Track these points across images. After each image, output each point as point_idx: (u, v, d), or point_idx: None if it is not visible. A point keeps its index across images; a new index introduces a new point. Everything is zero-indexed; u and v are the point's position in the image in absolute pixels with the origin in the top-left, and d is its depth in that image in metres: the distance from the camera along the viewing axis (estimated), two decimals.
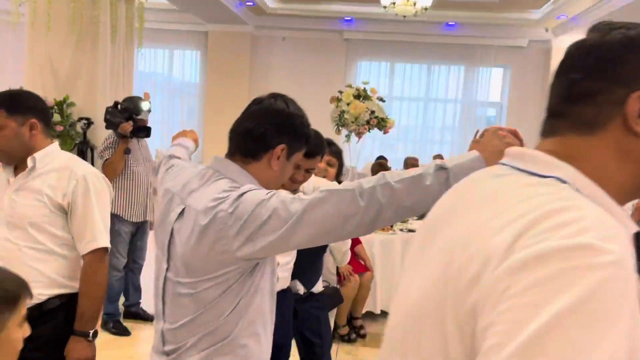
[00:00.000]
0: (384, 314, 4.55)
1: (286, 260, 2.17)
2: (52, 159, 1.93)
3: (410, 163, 7.60)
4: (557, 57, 9.93)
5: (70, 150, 4.75)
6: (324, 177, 2.32)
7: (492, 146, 1.16)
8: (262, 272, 1.31)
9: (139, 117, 3.92)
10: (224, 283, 1.26)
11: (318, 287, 2.43)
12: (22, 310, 1.08)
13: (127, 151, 3.84)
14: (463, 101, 10.56)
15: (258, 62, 10.74)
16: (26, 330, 1.10)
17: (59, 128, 4.58)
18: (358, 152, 6.13)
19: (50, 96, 4.68)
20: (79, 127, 4.78)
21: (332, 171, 2.58)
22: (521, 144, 1.15)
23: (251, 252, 1.21)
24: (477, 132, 1.40)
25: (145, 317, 4.20)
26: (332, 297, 2.78)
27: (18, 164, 1.92)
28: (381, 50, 10.48)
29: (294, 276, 2.27)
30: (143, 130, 3.93)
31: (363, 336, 4.06)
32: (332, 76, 10.63)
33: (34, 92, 2.08)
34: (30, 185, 1.88)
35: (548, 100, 0.85)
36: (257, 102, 1.41)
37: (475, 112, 10.55)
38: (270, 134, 1.35)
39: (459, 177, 1.06)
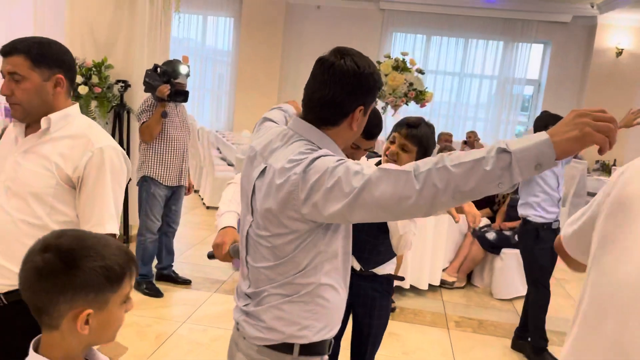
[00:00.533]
0: (413, 289, 4.53)
1: None
2: (69, 122, 1.68)
3: (444, 139, 7.47)
4: (601, 34, 9.57)
5: (107, 113, 4.79)
6: (395, 161, 2.05)
7: (565, 132, 1.03)
8: (335, 230, 1.36)
9: (177, 80, 3.90)
10: (297, 239, 1.32)
11: (383, 270, 2.25)
12: (126, 289, 1.05)
13: (164, 115, 3.83)
14: (499, 77, 10.29)
15: (292, 30, 10.60)
16: (130, 306, 1.08)
17: (97, 90, 4.60)
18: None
19: (89, 57, 4.71)
20: (116, 89, 4.80)
21: (406, 157, 2.06)
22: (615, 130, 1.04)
23: (318, 217, 1.26)
24: None
25: (177, 280, 4.26)
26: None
27: (31, 123, 1.70)
28: (417, 22, 10.23)
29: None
30: (181, 95, 3.91)
31: (393, 309, 4.06)
32: (366, 47, 10.41)
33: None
34: (40, 150, 1.64)
35: None
36: (326, 65, 1.34)
37: (512, 90, 10.27)
38: (347, 101, 1.33)
39: (522, 162, 1.03)
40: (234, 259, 1.67)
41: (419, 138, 2.08)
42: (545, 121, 3.36)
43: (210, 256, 1.76)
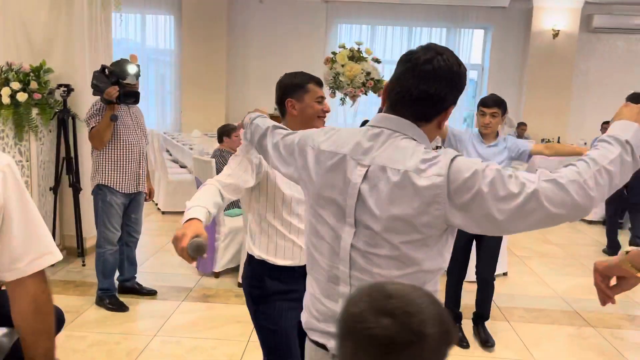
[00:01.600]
0: None
1: None
2: None
3: None
4: (538, 17, 9.88)
5: (50, 120, 4.50)
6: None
7: None
8: (453, 233, 1.29)
9: (126, 81, 3.67)
10: (427, 245, 1.22)
11: None
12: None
13: (114, 118, 3.59)
14: None
15: (236, 25, 10.38)
16: None
17: (37, 96, 4.29)
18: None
19: (25, 62, 4.39)
20: (58, 94, 4.50)
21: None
22: None
23: (462, 222, 1.18)
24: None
25: (141, 292, 4.05)
26: None
27: None
28: (362, 13, 10.23)
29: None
30: (131, 96, 3.68)
31: None
32: (312, 39, 10.36)
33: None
34: None
35: None
36: (423, 60, 1.24)
37: None
38: (448, 96, 1.27)
39: (637, 148, 1.17)
40: (196, 258, 1.44)
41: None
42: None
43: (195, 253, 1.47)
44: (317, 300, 1.38)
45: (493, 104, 3.33)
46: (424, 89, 1.24)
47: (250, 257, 2.06)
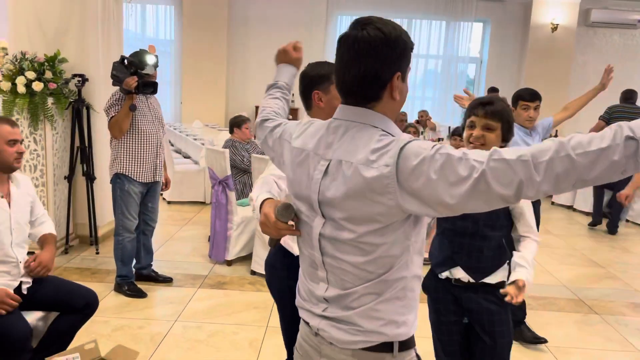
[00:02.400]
0: None
1: None
2: None
3: (400, 118, 7.58)
4: (537, 10, 9.96)
5: (65, 109, 4.54)
6: (482, 145, 1.95)
7: None
8: (422, 218, 1.28)
9: (144, 72, 3.73)
10: (390, 233, 1.22)
11: (495, 278, 2.07)
12: None
13: (133, 108, 3.65)
14: (444, 57, 10.55)
15: (236, 16, 10.39)
16: None
17: (52, 86, 4.33)
18: None
19: (39, 52, 4.42)
20: (72, 84, 4.54)
21: (492, 137, 1.96)
22: None
23: (417, 208, 1.17)
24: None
25: (157, 279, 4.13)
26: None
27: None
28: (361, 4, 10.27)
29: (454, 260, 2.08)
30: (149, 86, 3.73)
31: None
32: (312, 31, 10.40)
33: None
34: None
35: None
36: (349, 41, 1.24)
37: (457, 68, 10.56)
38: (382, 70, 1.22)
39: None
40: (287, 222, 1.42)
41: (499, 113, 1.97)
42: None
43: (273, 243, 1.58)
44: (303, 282, 1.44)
45: (535, 98, 3.44)
46: (355, 72, 1.23)
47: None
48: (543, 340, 3.42)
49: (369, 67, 1.22)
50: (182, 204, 6.81)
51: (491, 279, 2.06)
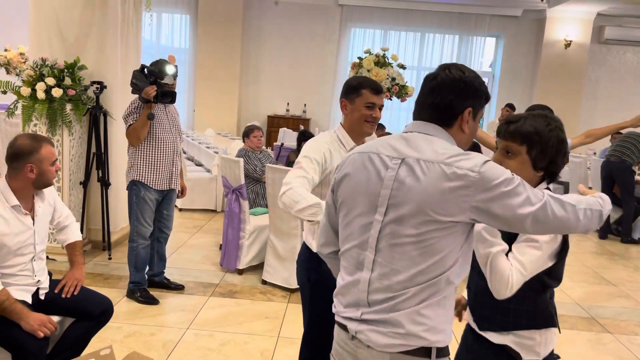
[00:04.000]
0: None
1: None
2: None
3: None
4: (550, 26, 9.99)
5: (83, 116, 4.60)
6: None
7: None
8: (472, 230, 1.42)
9: (163, 81, 3.77)
10: (449, 236, 1.34)
11: (501, 338, 1.69)
12: None
13: (151, 117, 3.70)
14: None
15: (250, 26, 10.49)
16: None
17: (71, 92, 4.39)
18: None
19: (59, 58, 4.49)
20: (91, 91, 4.60)
21: (512, 164, 1.62)
22: None
23: (485, 214, 1.32)
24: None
25: (169, 286, 4.15)
26: None
27: None
28: (375, 17, 10.35)
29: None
30: (168, 96, 3.78)
31: None
32: (325, 42, 10.48)
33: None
34: None
35: None
36: (431, 77, 1.47)
37: None
38: (456, 102, 1.43)
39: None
40: None
41: (524, 135, 1.61)
42: None
43: None
44: (342, 284, 1.51)
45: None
46: (432, 101, 1.45)
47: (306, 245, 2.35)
48: (556, 357, 3.39)
49: (444, 96, 1.43)
50: (193, 211, 6.84)
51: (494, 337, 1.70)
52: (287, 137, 8.95)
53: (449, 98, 1.43)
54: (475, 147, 4.26)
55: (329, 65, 10.59)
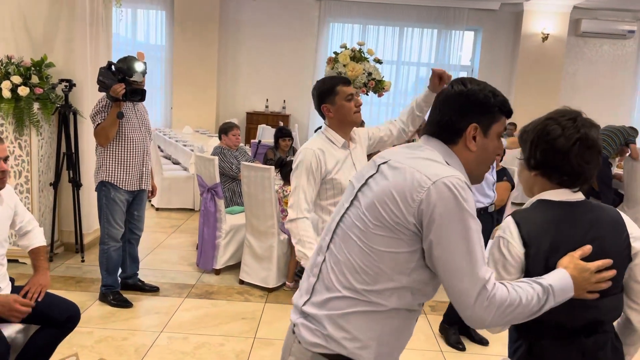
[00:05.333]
0: None
1: None
2: None
3: None
4: (528, 20, 10.00)
5: (51, 115, 4.47)
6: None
7: (579, 289, 1.37)
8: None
9: (132, 79, 3.67)
10: (396, 239, 1.28)
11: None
12: None
13: (120, 115, 3.59)
14: (436, 65, 10.55)
15: (228, 22, 10.34)
16: None
17: (39, 91, 4.26)
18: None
19: (26, 56, 4.35)
20: (59, 89, 4.47)
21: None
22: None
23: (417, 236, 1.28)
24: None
25: (144, 288, 4.06)
26: None
27: None
28: (354, 12, 10.27)
29: None
30: (137, 94, 3.68)
31: None
32: (304, 38, 10.38)
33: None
34: None
35: None
36: (439, 93, 1.43)
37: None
38: (457, 119, 1.37)
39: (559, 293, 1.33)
40: None
41: (520, 135, 1.60)
42: None
43: None
44: (305, 272, 1.51)
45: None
46: (434, 118, 1.42)
47: None
48: (485, 342, 3.49)
49: (444, 113, 1.39)
50: (170, 210, 6.73)
51: None
52: (266, 133, 8.86)
53: (449, 115, 1.38)
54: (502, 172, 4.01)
55: (308, 61, 10.50)
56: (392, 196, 1.27)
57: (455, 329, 3.52)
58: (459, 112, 1.37)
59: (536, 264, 1.40)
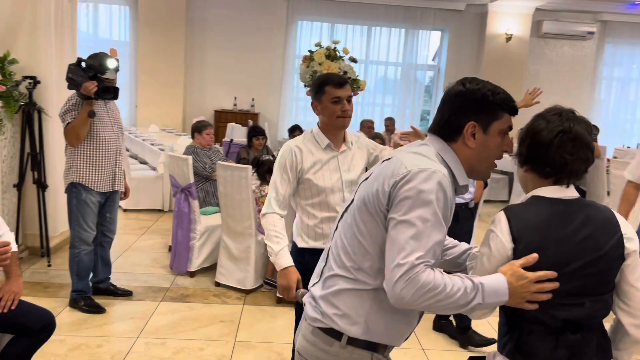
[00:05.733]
0: None
1: None
2: None
3: (367, 125, 7.59)
4: (492, 21, 10.19)
5: (15, 113, 4.28)
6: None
7: (517, 297, 1.35)
8: None
9: (104, 76, 3.54)
10: (374, 227, 1.40)
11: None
12: None
13: (92, 114, 3.46)
14: (403, 64, 10.65)
15: (194, 19, 10.15)
16: None
17: (1, 88, 4.07)
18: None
19: None
20: (23, 87, 4.28)
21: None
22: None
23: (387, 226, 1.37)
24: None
25: (117, 293, 3.93)
26: None
27: None
28: (322, 10, 10.25)
29: None
30: (110, 92, 3.55)
31: None
32: (272, 35, 10.29)
33: None
34: None
35: None
36: (444, 93, 1.51)
37: (415, 75, 10.68)
38: (454, 118, 1.43)
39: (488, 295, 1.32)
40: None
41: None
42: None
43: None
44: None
45: None
46: (437, 117, 1.49)
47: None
48: (492, 341, 3.47)
49: (444, 112, 1.46)
50: (138, 211, 6.56)
51: None
52: (236, 132, 8.75)
53: (449, 113, 1.45)
54: None
55: (277, 58, 10.42)
56: (374, 182, 1.40)
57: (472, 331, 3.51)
58: (458, 111, 1.43)
59: (528, 252, 1.39)
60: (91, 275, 3.82)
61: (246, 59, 10.33)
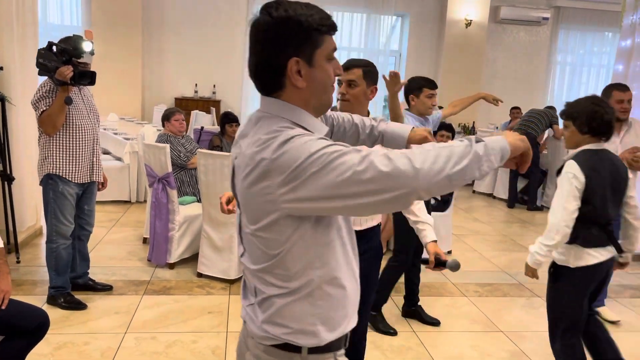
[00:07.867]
0: None
1: None
2: None
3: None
4: (452, 6, 10.30)
5: None
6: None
7: (514, 139, 1.25)
8: (328, 223, 1.20)
9: (80, 60, 3.37)
10: (282, 236, 1.15)
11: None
12: None
13: (69, 101, 3.27)
14: (366, 50, 10.66)
15: (151, 2, 9.80)
16: None
17: None
18: None
19: None
20: None
21: (567, 133, 2.61)
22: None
23: (296, 206, 1.10)
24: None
25: (96, 288, 3.78)
26: None
27: None
28: None
29: None
30: (87, 77, 3.38)
31: None
32: (232, 18, 10.07)
33: None
34: None
35: None
36: (250, 28, 1.20)
37: (378, 61, 10.71)
38: (272, 58, 1.15)
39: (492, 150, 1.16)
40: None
41: (568, 114, 2.55)
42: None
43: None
44: None
45: (436, 86, 3.47)
46: (251, 62, 1.20)
47: None
48: (436, 322, 3.60)
49: (258, 54, 1.17)
50: (104, 203, 6.31)
51: None
52: (200, 119, 8.55)
53: (262, 55, 1.16)
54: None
55: (238, 45, 10.22)
56: None
57: (381, 315, 3.52)
58: (272, 48, 1.15)
59: (594, 183, 2.42)
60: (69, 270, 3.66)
61: (207, 44, 10.08)
